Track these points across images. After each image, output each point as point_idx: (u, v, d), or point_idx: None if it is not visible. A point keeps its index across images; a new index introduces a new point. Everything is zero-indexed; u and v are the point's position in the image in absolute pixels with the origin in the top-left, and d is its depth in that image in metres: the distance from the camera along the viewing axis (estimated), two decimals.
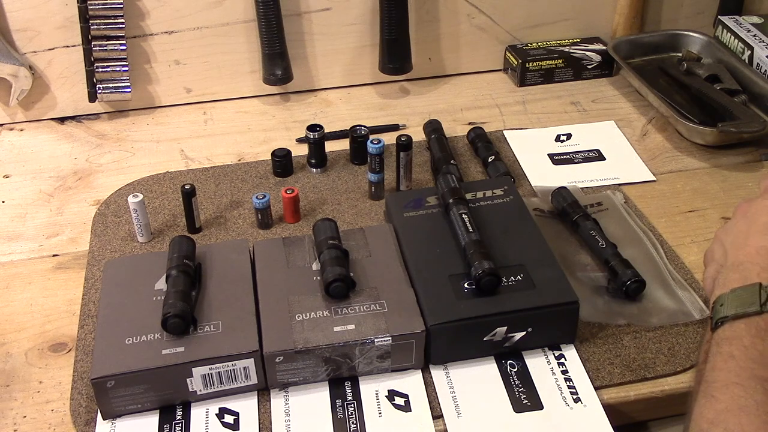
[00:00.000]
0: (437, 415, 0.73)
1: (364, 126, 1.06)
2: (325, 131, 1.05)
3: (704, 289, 0.78)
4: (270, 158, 1.05)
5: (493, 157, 1.03)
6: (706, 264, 0.77)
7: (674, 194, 1.01)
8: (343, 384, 0.75)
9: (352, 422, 0.72)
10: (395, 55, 1.20)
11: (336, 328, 0.74)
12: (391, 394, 0.74)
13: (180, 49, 1.18)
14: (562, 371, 0.76)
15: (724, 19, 1.27)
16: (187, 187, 0.92)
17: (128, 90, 1.16)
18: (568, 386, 0.75)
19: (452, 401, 0.74)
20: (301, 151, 1.07)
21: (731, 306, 0.66)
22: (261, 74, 1.21)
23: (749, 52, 1.21)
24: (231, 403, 0.74)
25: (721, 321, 0.66)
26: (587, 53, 1.27)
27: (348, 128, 1.08)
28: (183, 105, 1.23)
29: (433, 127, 1.10)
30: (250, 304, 0.77)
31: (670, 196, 1.01)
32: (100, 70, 1.15)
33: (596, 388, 0.75)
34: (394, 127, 1.15)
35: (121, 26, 1.12)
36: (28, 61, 1.14)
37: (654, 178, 1.04)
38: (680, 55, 1.27)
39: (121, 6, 1.11)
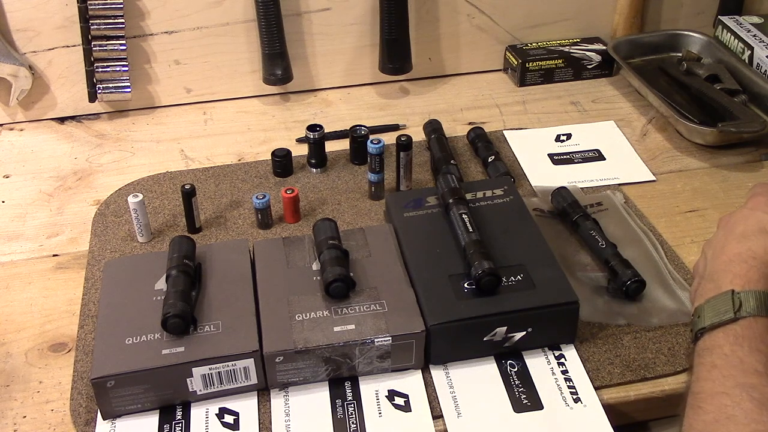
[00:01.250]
0: (437, 415, 0.73)
1: (364, 126, 1.06)
2: (325, 131, 1.05)
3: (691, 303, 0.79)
4: (270, 158, 1.05)
5: (493, 157, 1.03)
6: (693, 278, 0.78)
7: (674, 194, 1.01)
8: (343, 384, 0.75)
9: (352, 422, 0.72)
10: (395, 55, 1.20)
11: (336, 328, 0.74)
12: (391, 394, 0.74)
13: (180, 49, 1.18)
14: (562, 371, 0.76)
15: (724, 19, 1.27)
16: (187, 187, 0.92)
17: (128, 90, 1.16)
18: (568, 386, 0.75)
19: (452, 401, 0.74)
20: (301, 151, 1.07)
21: (707, 317, 0.67)
22: (261, 74, 1.21)
23: (749, 52, 1.21)
24: (231, 403, 0.74)
25: (700, 332, 0.67)
26: (587, 53, 1.27)
27: (348, 128, 1.08)
28: (183, 105, 1.23)
29: (433, 127, 1.10)
30: (250, 304, 0.77)
31: (670, 196, 1.01)
32: (100, 70, 1.15)
33: (596, 388, 0.75)
34: (394, 127, 1.15)
35: (121, 26, 1.12)
36: (28, 61, 1.14)
37: (654, 178, 1.04)
38: (680, 55, 1.27)
39: (121, 6, 1.11)
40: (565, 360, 0.77)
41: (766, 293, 0.66)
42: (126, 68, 1.15)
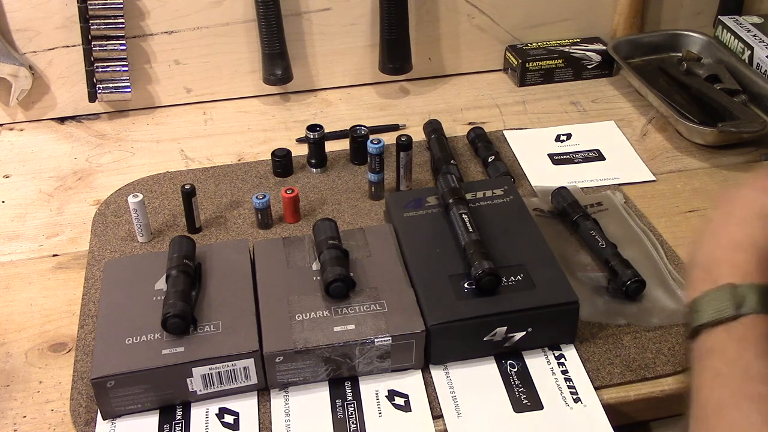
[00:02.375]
0: (437, 415, 0.73)
1: (364, 126, 1.06)
2: (325, 131, 1.05)
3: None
4: (270, 158, 1.05)
5: (493, 157, 1.03)
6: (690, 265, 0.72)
7: (674, 194, 1.01)
8: (343, 384, 0.75)
9: (352, 422, 0.72)
10: (395, 55, 1.20)
11: (336, 328, 0.74)
12: (391, 394, 0.74)
13: (180, 49, 1.18)
14: (562, 371, 0.76)
15: (724, 19, 1.27)
16: (187, 187, 0.92)
17: (128, 90, 1.16)
18: (568, 386, 0.75)
19: (452, 401, 0.74)
20: (301, 151, 1.07)
21: (706, 312, 0.61)
22: (261, 74, 1.21)
23: (749, 52, 1.21)
24: (231, 403, 0.74)
25: (697, 329, 0.62)
26: (587, 53, 1.27)
27: (348, 128, 1.08)
28: (183, 105, 1.23)
29: (433, 127, 1.10)
30: (250, 304, 0.77)
31: (670, 196, 1.01)
32: (100, 70, 1.15)
33: (596, 388, 0.75)
34: (394, 127, 1.15)
35: (121, 26, 1.12)
36: (28, 61, 1.14)
37: (654, 178, 1.04)
38: (680, 55, 1.27)
39: (121, 6, 1.11)
40: (565, 360, 0.77)
41: (766, 287, 0.62)
42: (126, 68, 1.15)
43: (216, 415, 0.73)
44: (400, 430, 0.72)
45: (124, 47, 1.14)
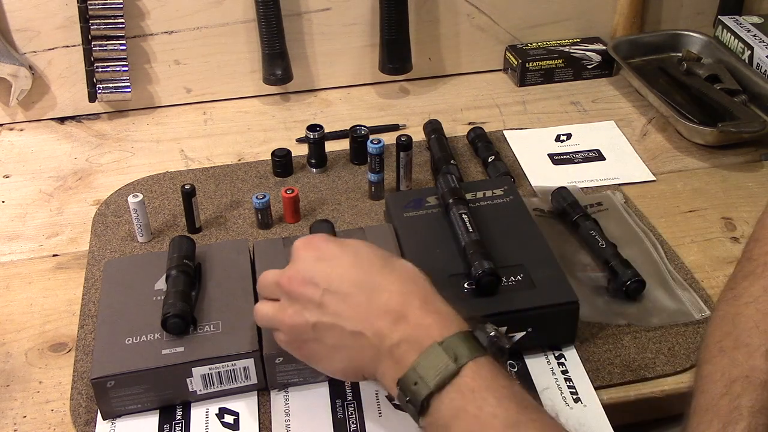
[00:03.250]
0: None
1: (364, 126, 1.06)
2: (325, 131, 1.05)
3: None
4: (270, 158, 1.05)
5: (493, 157, 1.03)
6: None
7: (674, 194, 1.01)
8: (343, 384, 0.75)
9: (352, 422, 0.72)
10: (395, 55, 1.20)
11: None
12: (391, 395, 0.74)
13: (180, 49, 1.18)
14: (562, 371, 0.76)
15: (724, 19, 1.27)
16: (187, 187, 0.92)
17: (128, 90, 1.16)
18: (568, 386, 0.75)
19: None
20: (301, 151, 1.07)
21: (429, 377, 0.57)
22: (261, 74, 1.21)
23: (749, 52, 1.21)
24: (231, 403, 0.74)
25: (428, 398, 0.57)
26: (587, 53, 1.27)
27: (348, 128, 1.08)
28: (183, 105, 1.23)
29: (433, 127, 1.10)
30: (250, 304, 0.77)
31: (670, 196, 1.01)
32: (100, 70, 1.15)
33: (596, 388, 0.75)
34: (394, 127, 1.15)
35: (121, 26, 1.12)
36: (28, 61, 1.14)
37: (654, 178, 1.04)
38: (680, 55, 1.27)
39: (121, 6, 1.11)
40: (565, 360, 0.77)
41: (463, 333, 0.59)
42: (126, 68, 1.15)
43: (216, 415, 0.73)
44: (400, 430, 0.71)
45: (124, 47, 1.14)
